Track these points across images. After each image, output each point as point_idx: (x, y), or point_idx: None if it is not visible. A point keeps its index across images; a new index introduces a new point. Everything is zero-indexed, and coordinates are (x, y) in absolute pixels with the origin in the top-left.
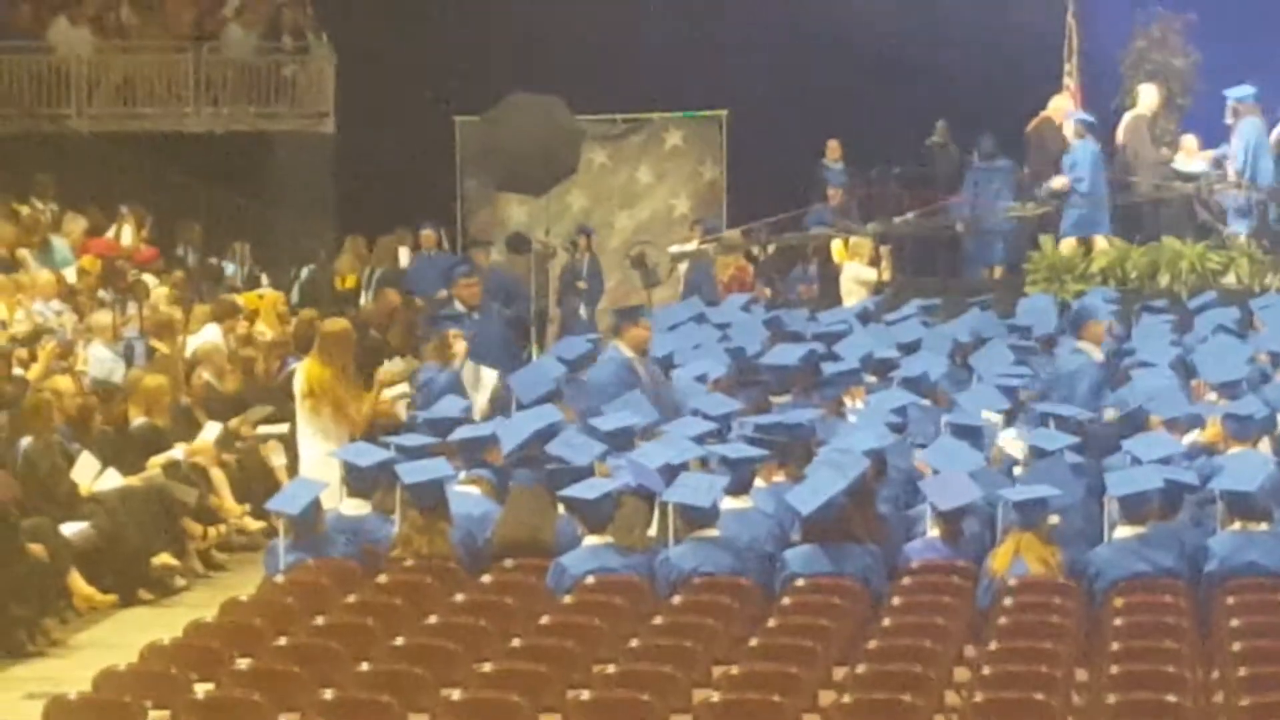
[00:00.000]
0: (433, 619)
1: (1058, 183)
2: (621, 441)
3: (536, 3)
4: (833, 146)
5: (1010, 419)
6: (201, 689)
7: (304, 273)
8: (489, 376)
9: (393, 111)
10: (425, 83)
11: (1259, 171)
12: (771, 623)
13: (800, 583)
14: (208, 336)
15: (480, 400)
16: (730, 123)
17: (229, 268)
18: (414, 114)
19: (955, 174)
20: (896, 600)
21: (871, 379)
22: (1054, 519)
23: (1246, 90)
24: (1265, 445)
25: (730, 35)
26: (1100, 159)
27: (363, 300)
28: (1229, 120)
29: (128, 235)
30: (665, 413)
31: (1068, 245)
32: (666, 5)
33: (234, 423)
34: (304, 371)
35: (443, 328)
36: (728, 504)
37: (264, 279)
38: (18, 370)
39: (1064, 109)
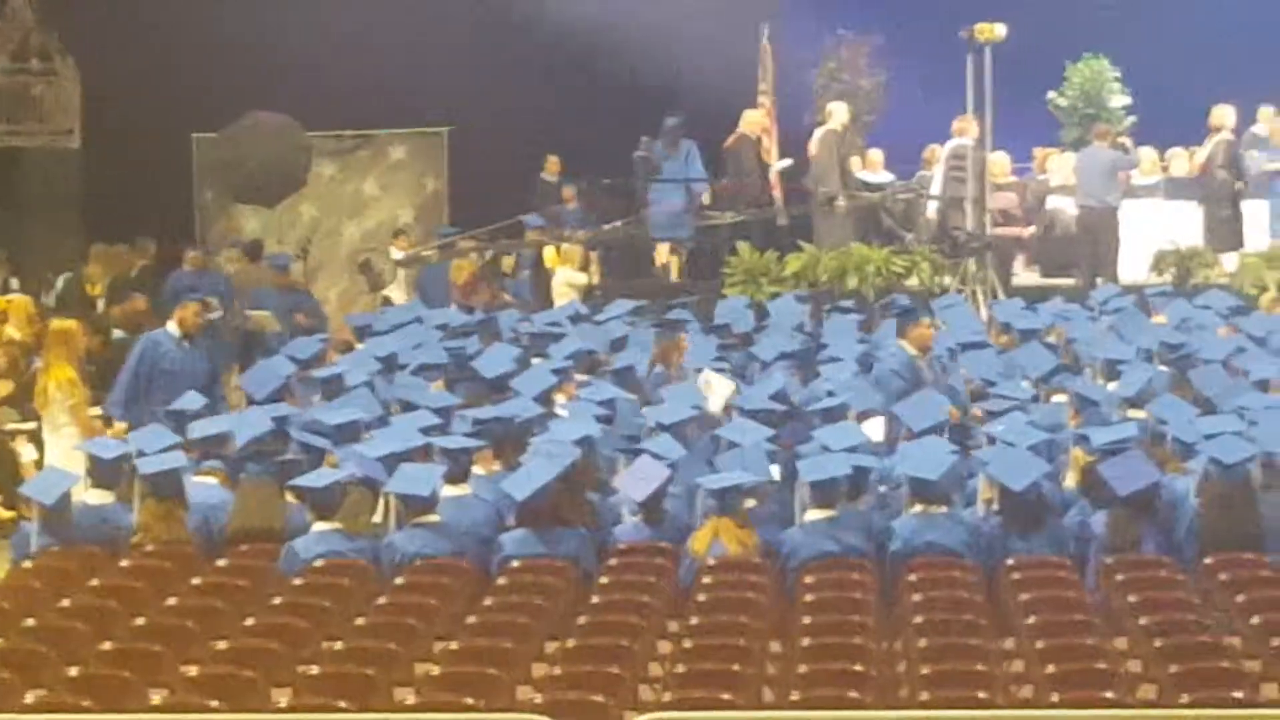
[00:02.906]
0: (172, 600)
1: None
2: (348, 435)
3: (269, 27)
4: (551, 162)
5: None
6: None
7: (59, 282)
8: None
9: (134, 128)
10: (164, 102)
11: None
12: (488, 601)
13: (515, 564)
14: None
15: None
16: (451, 138)
17: None
18: (154, 130)
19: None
20: (605, 579)
21: (583, 376)
22: (750, 502)
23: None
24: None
25: (451, 57)
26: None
27: (100, 305)
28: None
29: None
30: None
31: None
32: (391, 28)
33: None
34: (41, 371)
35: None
36: (447, 491)
37: (14, 284)
38: None
39: (758, 124)
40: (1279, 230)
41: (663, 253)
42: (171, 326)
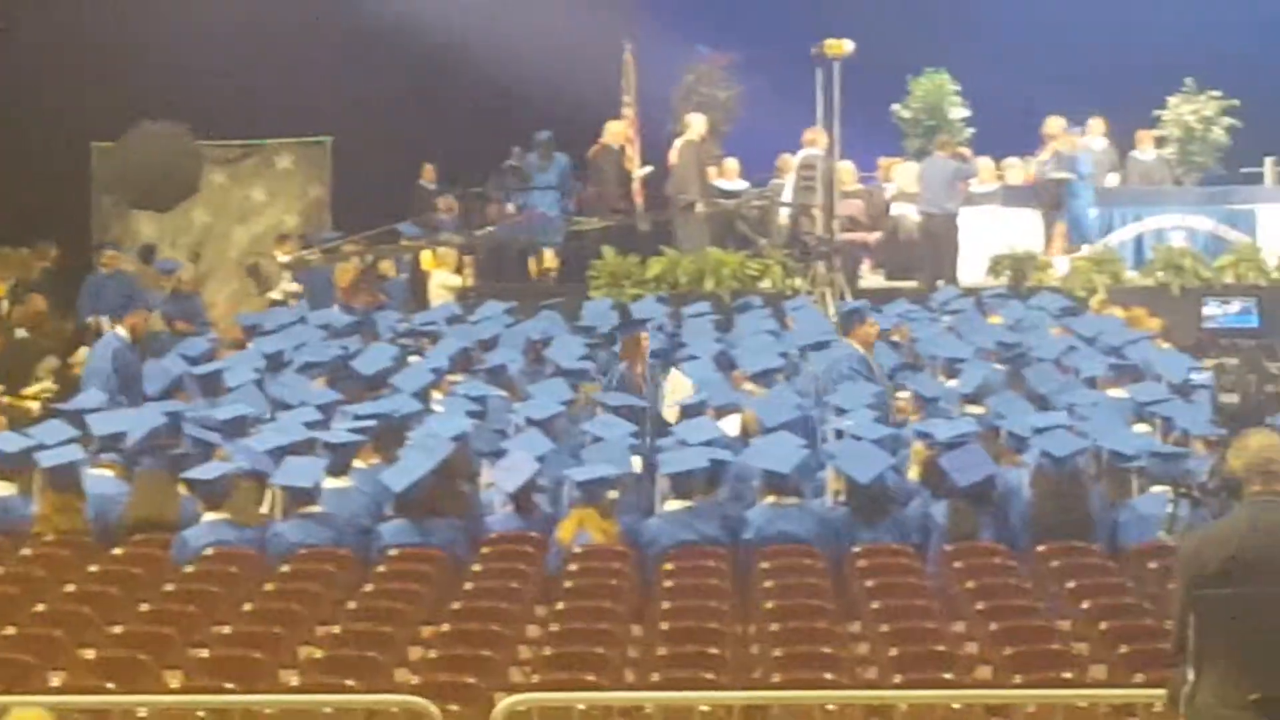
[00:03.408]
0: (70, 587)
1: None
2: (236, 429)
3: (164, 42)
4: (428, 170)
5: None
6: None
7: None
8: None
9: (36, 138)
10: (64, 112)
11: None
12: (368, 588)
13: (393, 552)
14: None
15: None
16: (335, 147)
17: None
18: (54, 140)
19: (526, 192)
20: (477, 567)
21: (455, 378)
22: (613, 494)
23: None
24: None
25: (334, 71)
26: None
27: (4, 306)
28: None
29: None
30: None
31: None
32: (278, 45)
33: None
34: None
35: None
36: (329, 483)
37: None
38: None
39: (622, 134)
40: (1076, 237)
41: (547, 257)
42: (121, 331)
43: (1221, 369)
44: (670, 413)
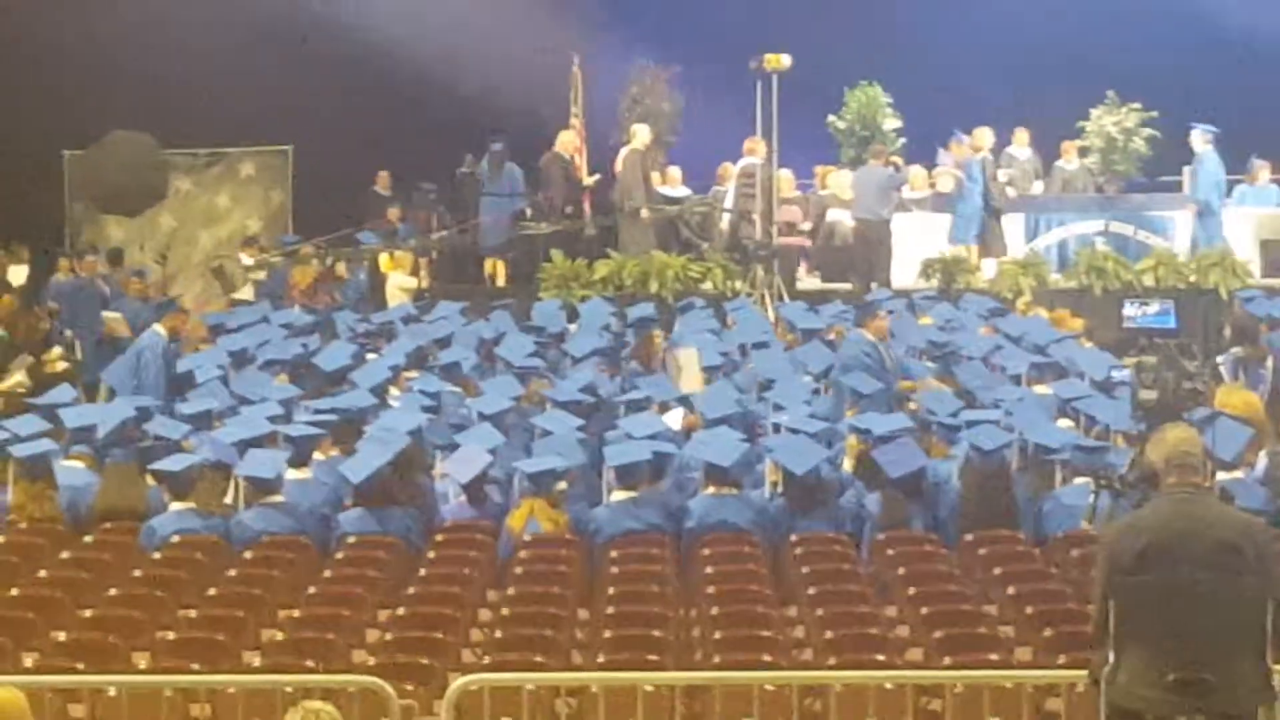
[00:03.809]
0: (43, 573)
1: None
2: (202, 423)
3: (133, 56)
4: (382, 177)
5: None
6: None
7: None
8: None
9: (11, 147)
10: (39, 123)
11: None
12: (327, 574)
13: (352, 540)
14: None
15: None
16: (295, 155)
17: None
18: (29, 148)
19: (479, 198)
20: (432, 554)
21: (412, 374)
22: (562, 485)
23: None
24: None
25: (295, 81)
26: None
27: None
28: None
29: None
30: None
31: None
32: (243, 58)
33: None
34: None
35: None
36: (291, 474)
37: None
38: None
39: (571, 143)
40: (955, 239)
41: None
42: (161, 331)
43: (1141, 366)
44: (690, 385)
